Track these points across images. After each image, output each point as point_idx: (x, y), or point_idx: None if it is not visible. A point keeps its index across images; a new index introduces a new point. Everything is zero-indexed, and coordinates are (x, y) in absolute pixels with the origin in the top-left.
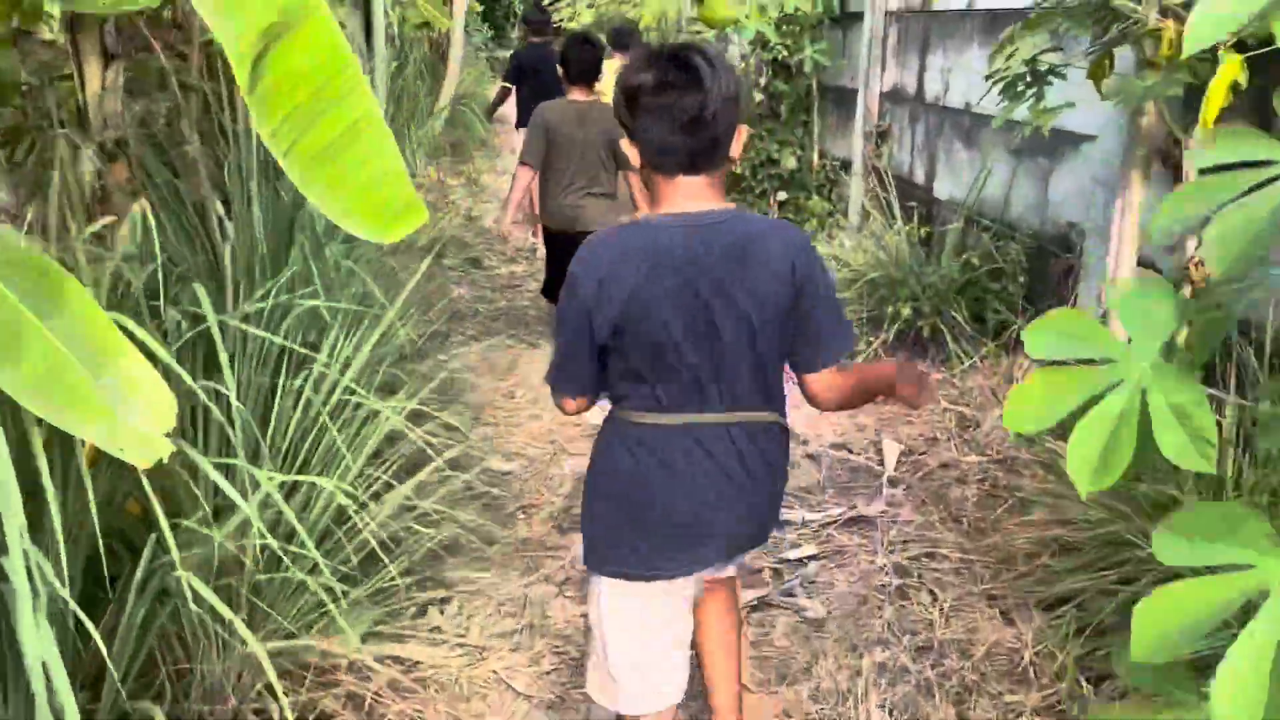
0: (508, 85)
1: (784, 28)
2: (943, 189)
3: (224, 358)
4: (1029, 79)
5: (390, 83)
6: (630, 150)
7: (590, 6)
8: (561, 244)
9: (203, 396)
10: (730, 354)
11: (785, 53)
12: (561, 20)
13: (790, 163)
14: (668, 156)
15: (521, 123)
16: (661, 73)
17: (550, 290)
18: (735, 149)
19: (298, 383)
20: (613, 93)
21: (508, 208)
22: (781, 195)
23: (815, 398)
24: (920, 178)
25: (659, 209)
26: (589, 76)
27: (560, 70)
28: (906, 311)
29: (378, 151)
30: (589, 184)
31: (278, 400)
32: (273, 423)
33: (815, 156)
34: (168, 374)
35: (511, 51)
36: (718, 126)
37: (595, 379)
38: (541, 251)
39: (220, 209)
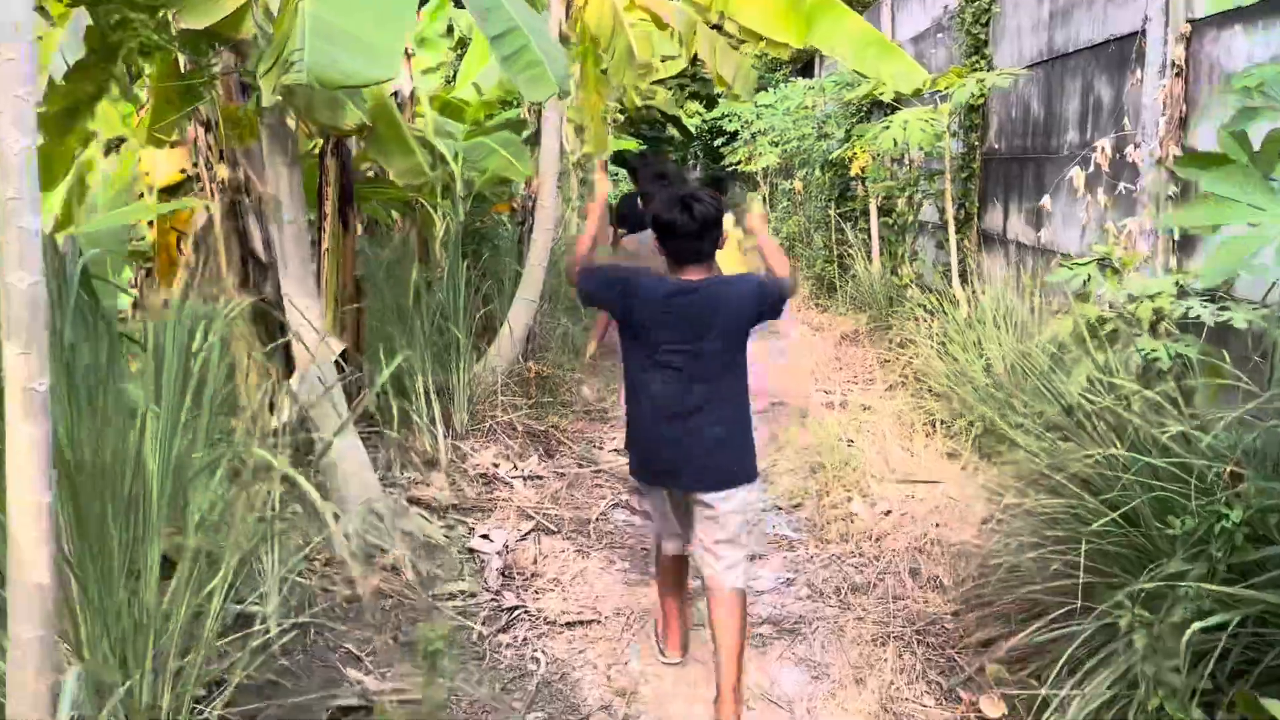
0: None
1: None
2: None
3: None
4: None
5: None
6: (659, 247)
7: (775, 145)
8: None
9: None
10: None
11: None
12: (737, 163)
13: None
14: (681, 258)
15: None
16: (678, 213)
17: None
18: (720, 248)
19: None
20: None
21: None
22: None
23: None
24: None
25: (673, 276)
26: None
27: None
28: None
29: None
30: None
31: None
32: None
33: None
34: None
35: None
36: (707, 242)
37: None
38: None
39: None
